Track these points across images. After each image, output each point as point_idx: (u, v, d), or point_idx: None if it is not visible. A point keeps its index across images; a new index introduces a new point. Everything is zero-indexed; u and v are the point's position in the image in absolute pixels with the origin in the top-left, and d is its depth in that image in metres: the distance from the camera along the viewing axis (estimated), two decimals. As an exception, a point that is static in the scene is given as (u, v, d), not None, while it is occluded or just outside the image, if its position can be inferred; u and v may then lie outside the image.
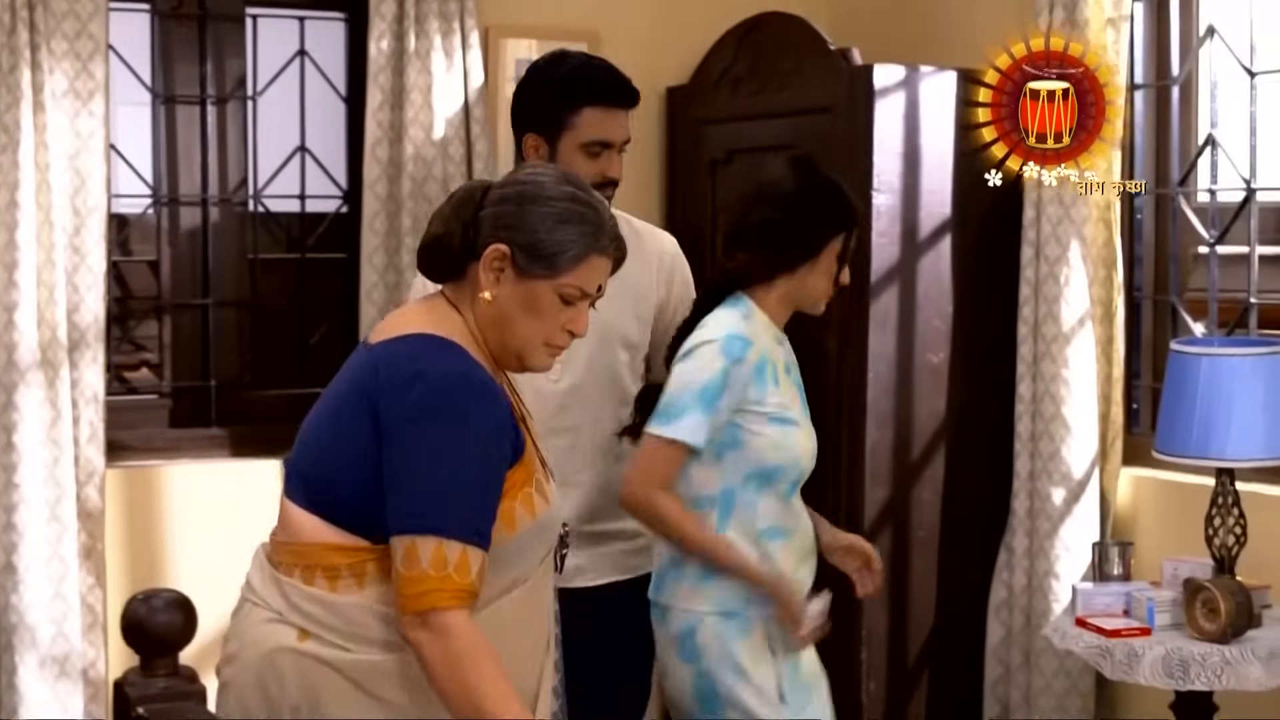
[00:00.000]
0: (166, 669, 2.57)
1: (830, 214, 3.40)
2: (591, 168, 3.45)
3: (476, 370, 2.55)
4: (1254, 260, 4.48)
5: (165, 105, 5.02)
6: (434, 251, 2.65)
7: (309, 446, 2.62)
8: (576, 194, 2.63)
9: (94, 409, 4.61)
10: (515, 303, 2.60)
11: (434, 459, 2.45)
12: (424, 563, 2.41)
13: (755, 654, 3.29)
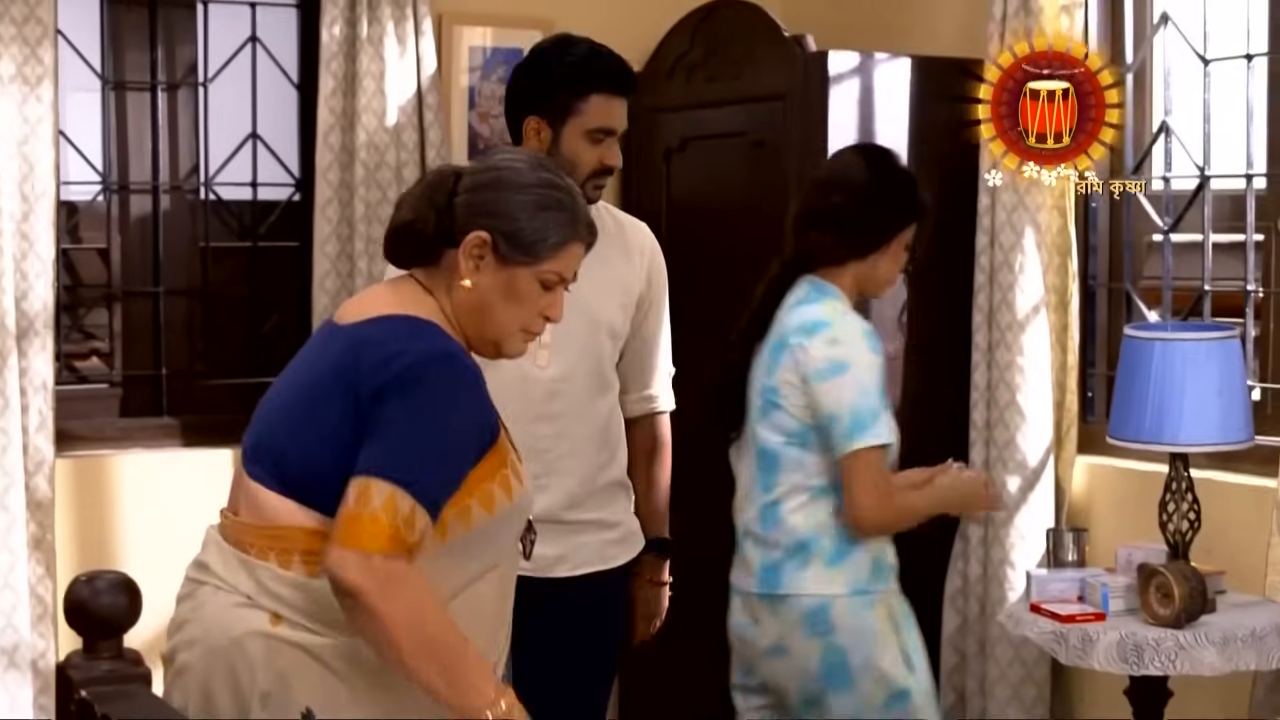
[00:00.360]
0: (110, 652, 2.51)
1: (904, 204, 3.49)
2: (593, 155, 3.48)
3: (456, 350, 2.56)
4: (1208, 248, 4.49)
5: (115, 91, 4.97)
6: (405, 237, 2.65)
7: (280, 428, 2.60)
8: (554, 180, 2.65)
9: (43, 397, 4.56)
10: (496, 290, 2.60)
11: (405, 421, 2.45)
12: (377, 504, 2.40)
13: (885, 627, 3.37)
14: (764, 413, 3.45)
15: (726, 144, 4.97)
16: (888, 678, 3.34)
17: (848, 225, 3.45)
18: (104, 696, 2.43)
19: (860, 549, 3.37)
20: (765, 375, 3.45)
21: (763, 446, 3.45)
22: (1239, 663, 3.68)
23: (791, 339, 3.41)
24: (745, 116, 4.87)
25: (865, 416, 3.31)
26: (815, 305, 3.44)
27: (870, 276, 3.50)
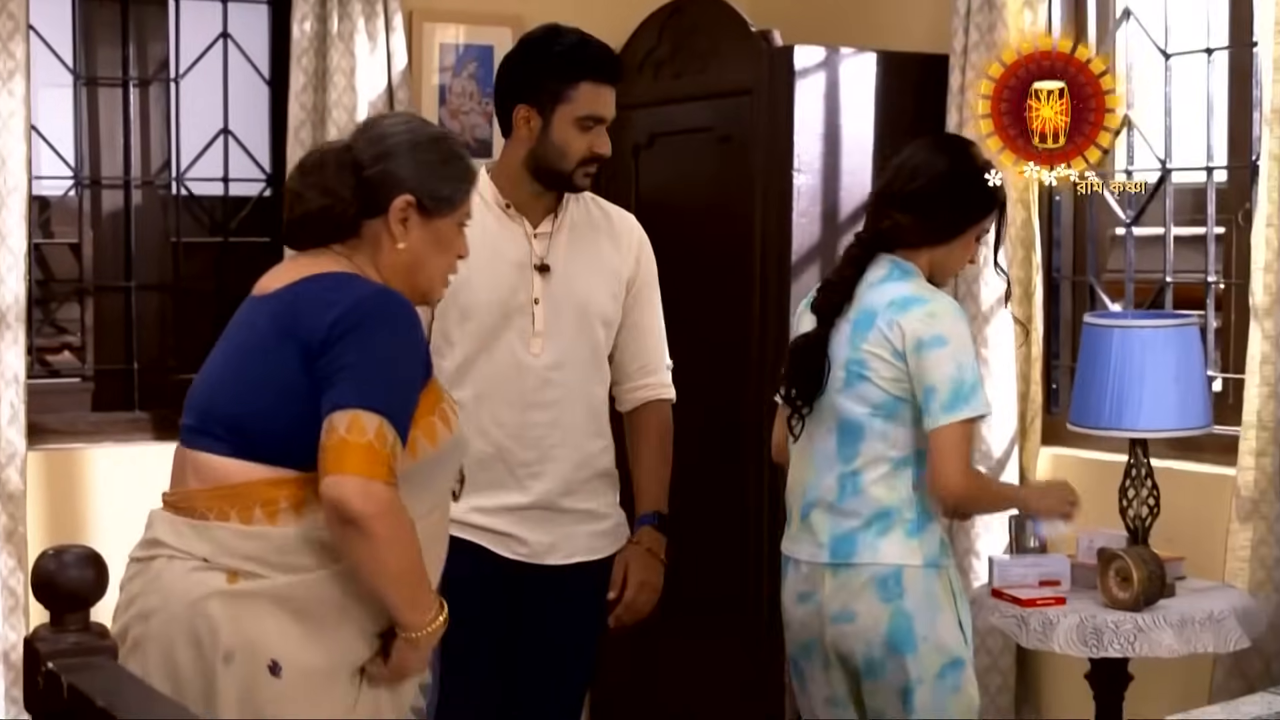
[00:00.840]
0: (77, 624, 2.53)
1: (984, 196, 3.59)
2: (582, 142, 3.50)
3: (391, 290, 2.75)
4: (1169, 241, 4.54)
5: (87, 87, 5.01)
6: (321, 221, 2.79)
7: (224, 397, 2.73)
8: (443, 132, 2.93)
9: (15, 390, 4.58)
10: (426, 244, 2.82)
11: (369, 356, 2.62)
12: (371, 434, 2.55)
13: (947, 599, 3.45)
14: (848, 384, 3.48)
15: (694, 139, 5.02)
16: (946, 647, 3.42)
17: (930, 210, 3.53)
18: (70, 668, 2.45)
19: (934, 524, 3.47)
20: (849, 349, 3.49)
21: (846, 418, 3.48)
22: (1196, 645, 3.72)
23: (882, 314, 3.46)
24: (712, 112, 4.92)
25: (965, 390, 3.37)
26: (903, 283, 3.50)
27: (943, 262, 3.59)
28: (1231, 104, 4.41)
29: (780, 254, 4.63)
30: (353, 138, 2.87)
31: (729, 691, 4.90)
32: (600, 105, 3.52)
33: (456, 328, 3.51)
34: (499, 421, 3.49)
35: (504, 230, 3.52)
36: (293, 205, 2.82)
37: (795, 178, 4.62)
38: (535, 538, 3.53)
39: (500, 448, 3.49)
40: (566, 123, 3.49)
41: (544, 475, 3.51)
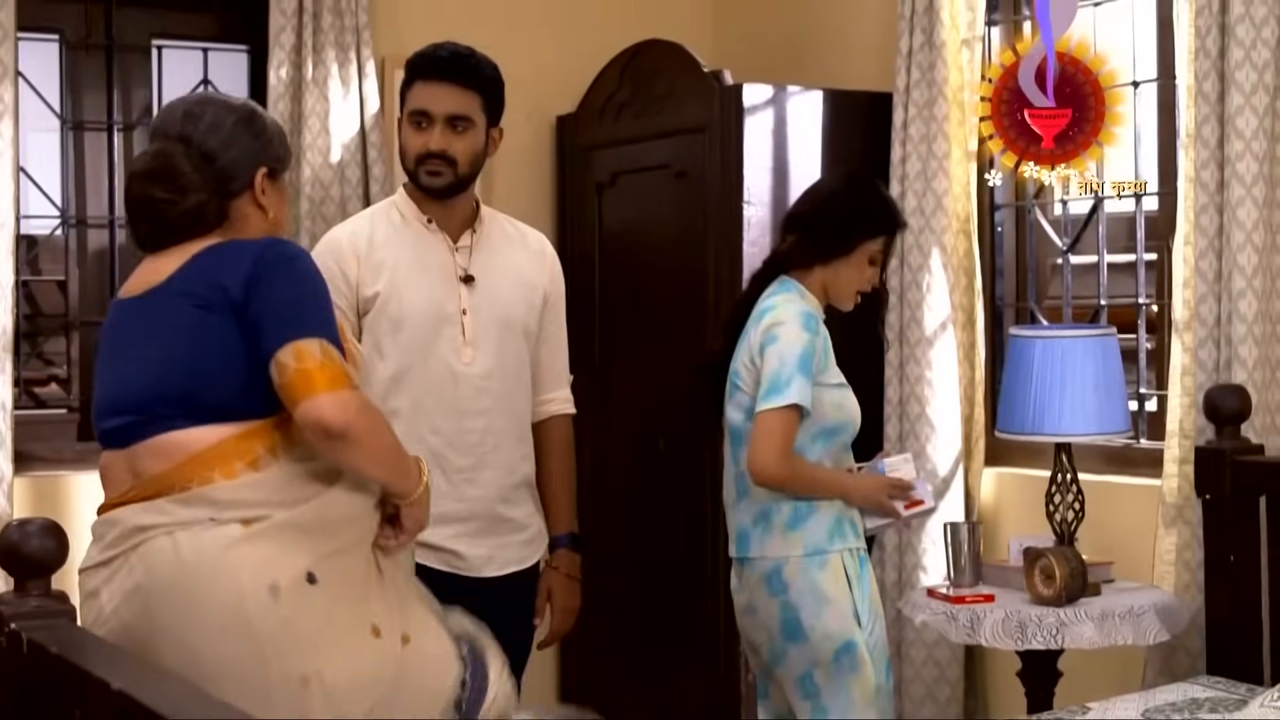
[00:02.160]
0: (39, 590, 2.74)
1: (868, 217, 3.78)
2: (416, 140, 3.65)
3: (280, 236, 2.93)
4: (1103, 266, 4.75)
5: (74, 131, 5.25)
6: (196, 219, 2.85)
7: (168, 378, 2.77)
8: (249, 103, 2.98)
9: (2, 418, 4.78)
10: (280, 204, 2.99)
11: (292, 293, 2.76)
12: (318, 355, 2.70)
13: (835, 583, 3.62)
14: (730, 395, 3.75)
15: (653, 176, 5.24)
16: (834, 633, 3.60)
17: (814, 229, 3.77)
18: (31, 628, 2.66)
19: (818, 513, 3.66)
20: (733, 361, 3.75)
21: (731, 425, 3.75)
22: (1116, 637, 3.90)
23: (749, 327, 3.72)
24: (669, 149, 5.14)
25: (778, 382, 3.58)
26: (774, 297, 3.74)
27: (834, 282, 3.78)
28: (1160, 134, 4.63)
29: (732, 282, 4.83)
30: (183, 132, 2.87)
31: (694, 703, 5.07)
32: (424, 100, 3.65)
33: (388, 338, 3.62)
34: (435, 429, 3.60)
35: (428, 244, 3.66)
36: (164, 212, 2.84)
37: (745, 209, 4.84)
38: (472, 551, 3.64)
39: (437, 454, 3.57)
40: (405, 123, 3.68)
41: (478, 482, 3.63)
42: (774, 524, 3.67)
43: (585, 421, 5.50)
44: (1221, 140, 4.11)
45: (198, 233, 2.86)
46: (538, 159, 5.66)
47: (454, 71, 3.68)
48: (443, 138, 3.64)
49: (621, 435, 5.43)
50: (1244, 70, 4.05)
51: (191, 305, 2.76)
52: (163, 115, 2.95)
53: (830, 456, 3.73)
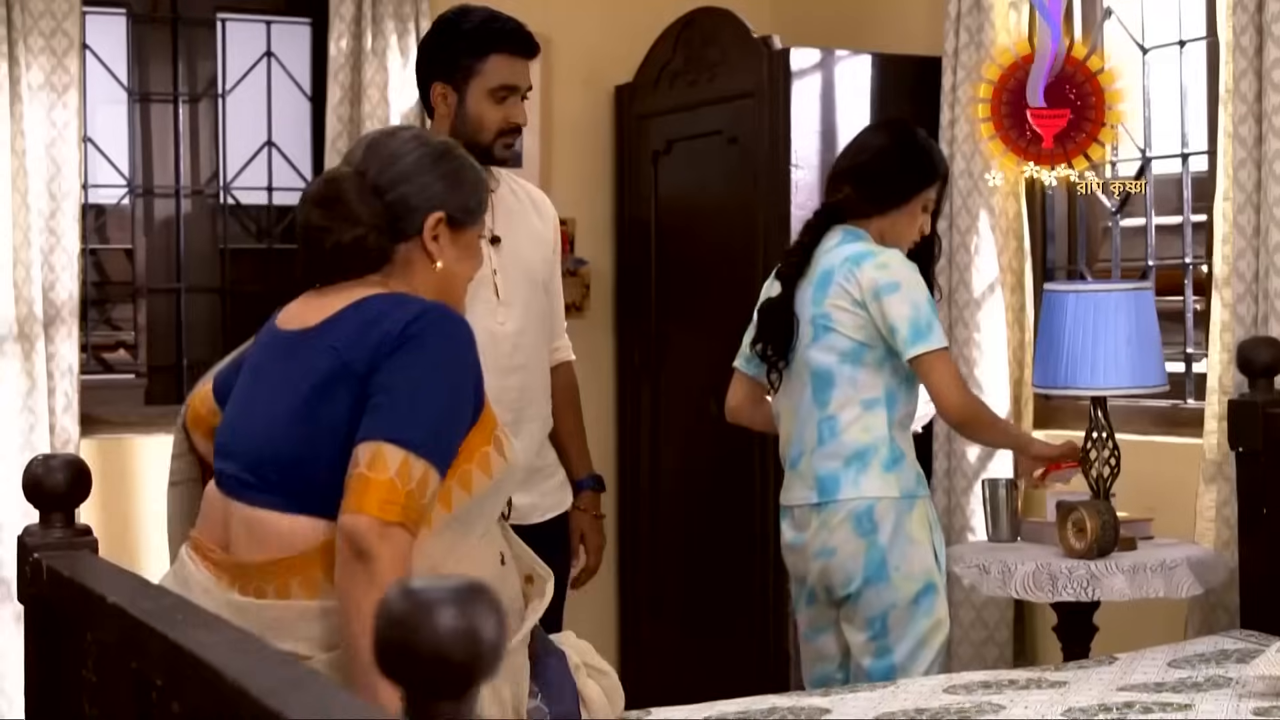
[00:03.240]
0: (61, 522, 2.84)
1: (921, 168, 3.87)
2: (498, 113, 3.66)
3: (449, 308, 2.60)
4: (1151, 227, 4.75)
5: (141, 103, 5.38)
6: (354, 254, 2.60)
7: (285, 444, 2.54)
8: (446, 143, 2.72)
9: (69, 381, 4.93)
10: (458, 257, 2.68)
11: (411, 380, 2.46)
12: (392, 470, 2.39)
13: (920, 527, 3.73)
14: (815, 338, 3.79)
15: (706, 143, 5.29)
16: (918, 575, 3.70)
17: (870, 183, 3.84)
18: (54, 558, 2.76)
19: (907, 458, 3.76)
20: (813, 306, 3.80)
21: (816, 368, 3.79)
22: (1148, 590, 3.90)
23: (839, 270, 3.77)
24: (721, 116, 5.19)
25: (923, 327, 3.68)
26: (854, 244, 3.81)
27: (891, 231, 3.86)
28: (1209, 93, 4.60)
29: (780, 245, 4.86)
30: (362, 162, 2.64)
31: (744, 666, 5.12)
32: (511, 75, 3.68)
33: None
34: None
35: None
36: (320, 240, 2.60)
37: (793, 173, 4.88)
38: (520, 500, 3.67)
39: None
40: (480, 95, 3.65)
41: (520, 435, 3.64)
42: (871, 465, 3.71)
43: (643, 384, 5.62)
44: (1260, 94, 4.10)
45: (358, 271, 2.61)
46: (597, 129, 5.72)
47: (529, 44, 3.74)
48: (523, 111, 3.71)
49: (678, 398, 5.49)
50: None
51: (326, 366, 2.51)
52: (354, 144, 2.75)
53: (911, 402, 3.81)
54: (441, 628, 1.36)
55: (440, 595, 1.37)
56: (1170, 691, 3.28)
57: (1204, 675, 3.43)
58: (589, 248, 5.70)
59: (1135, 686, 3.34)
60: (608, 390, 5.74)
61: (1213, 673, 3.44)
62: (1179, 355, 4.63)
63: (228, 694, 1.75)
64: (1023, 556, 4.02)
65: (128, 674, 2.27)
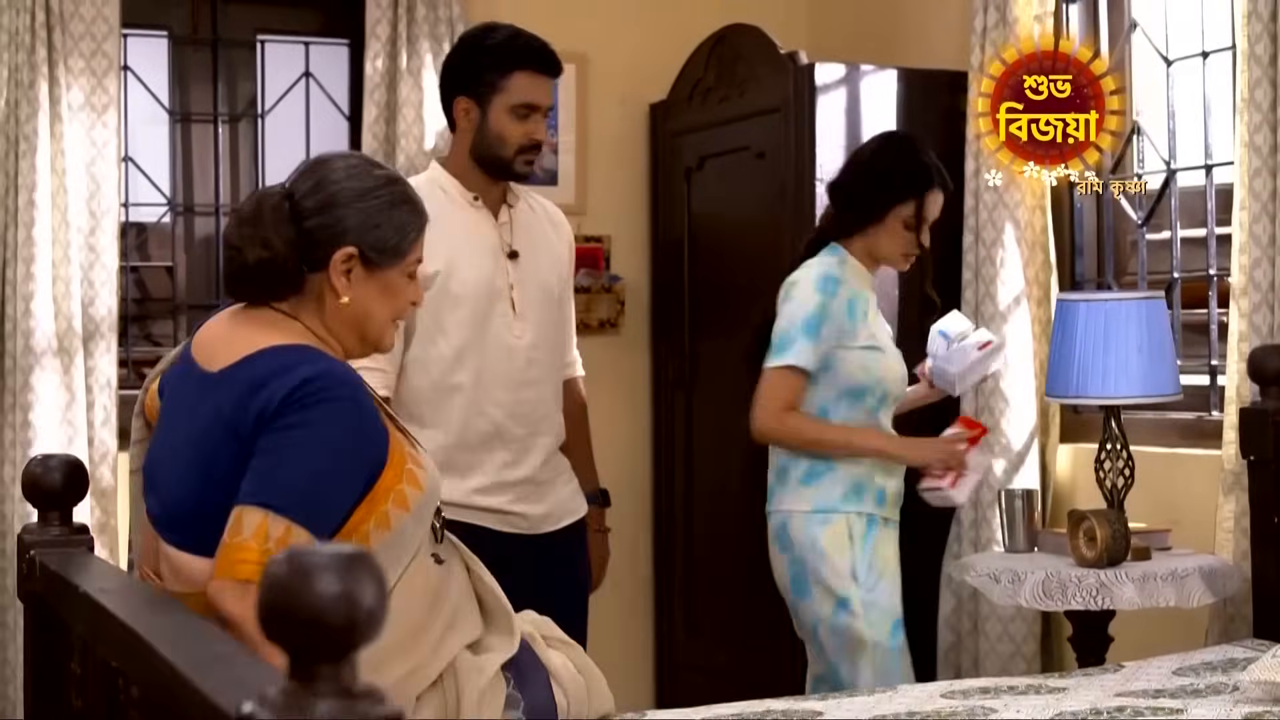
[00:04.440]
0: (58, 521, 2.91)
1: (890, 184, 3.86)
2: (519, 130, 3.72)
3: (339, 368, 2.57)
4: (1176, 239, 4.73)
5: (182, 123, 5.48)
6: (260, 275, 2.58)
7: (183, 492, 2.58)
8: (388, 175, 2.69)
9: (108, 394, 5.02)
10: (372, 295, 2.63)
11: (284, 445, 2.45)
12: (248, 532, 2.39)
13: (833, 540, 3.76)
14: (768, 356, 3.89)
15: (736, 159, 5.33)
16: (831, 589, 3.74)
17: (842, 200, 3.90)
18: (49, 555, 2.83)
19: (834, 473, 3.79)
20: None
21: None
22: (1159, 599, 3.89)
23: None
24: (750, 131, 5.23)
25: (782, 341, 3.75)
26: (814, 261, 3.88)
27: (875, 248, 3.90)
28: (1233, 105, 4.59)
29: (805, 259, 4.90)
30: (295, 183, 2.64)
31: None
32: (534, 93, 3.73)
33: (449, 315, 3.69)
34: (496, 402, 3.72)
35: (475, 221, 3.75)
36: (232, 257, 2.60)
37: (818, 187, 4.90)
38: (533, 510, 3.77)
39: (499, 426, 3.71)
40: (502, 111, 3.70)
41: (534, 449, 3.75)
42: (789, 479, 3.81)
43: (677, 400, 5.65)
44: (1275, 103, 4.09)
45: (270, 294, 2.61)
46: (632, 146, 5.77)
47: (553, 63, 3.80)
48: (544, 128, 3.78)
49: (712, 413, 5.52)
50: (1296, 32, 4.04)
51: (214, 424, 2.52)
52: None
53: (863, 416, 3.79)
54: (321, 593, 1.40)
55: (321, 561, 1.41)
56: (1168, 698, 3.28)
57: (1206, 682, 3.42)
58: (624, 264, 5.75)
59: (1134, 693, 3.34)
60: (643, 406, 5.78)
61: (1216, 680, 3.44)
62: (1204, 368, 4.61)
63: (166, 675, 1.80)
64: (1034, 565, 4.02)
65: (97, 662, 2.33)
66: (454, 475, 3.64)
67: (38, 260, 4.90)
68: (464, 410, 3.70)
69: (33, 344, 4.91)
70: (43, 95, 4.93)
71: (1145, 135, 4.83)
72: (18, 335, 4.91)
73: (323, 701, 1.40)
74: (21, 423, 4.91)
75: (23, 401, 4.91)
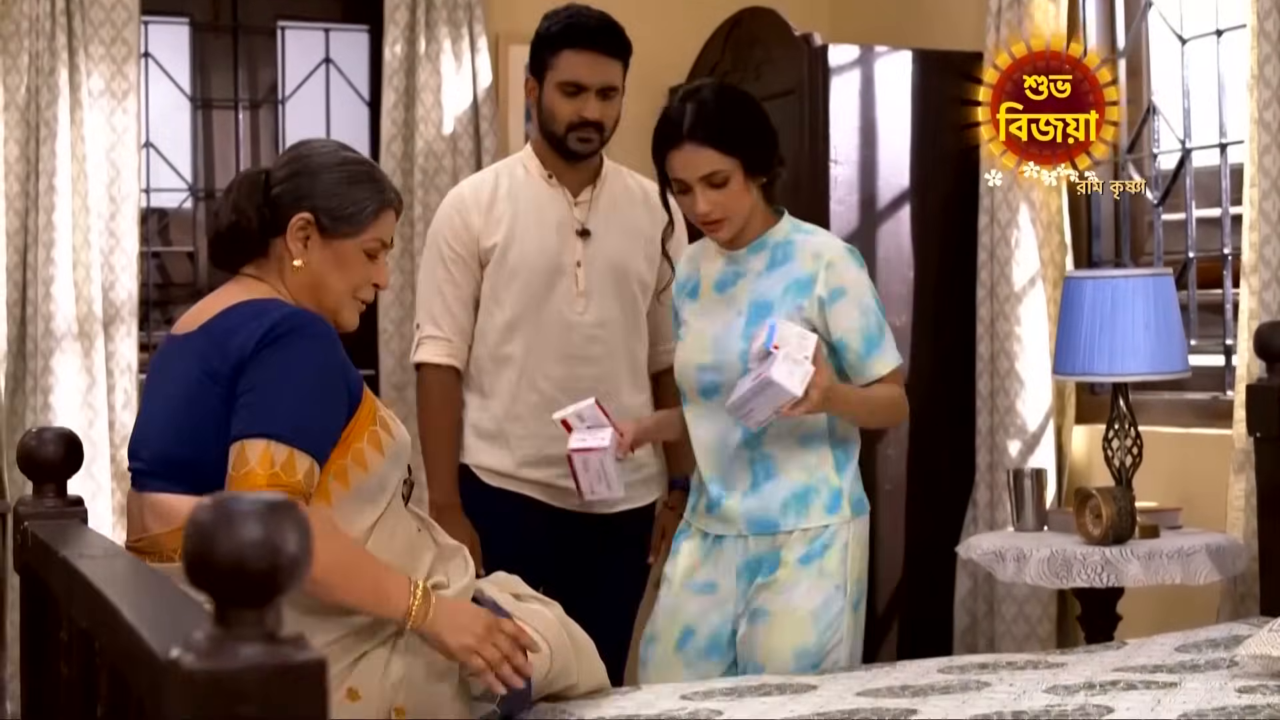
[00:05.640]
0: (53, 493, 2.94)
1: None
2: (568, 107, 3.80)
3: (310, 313, 2.72)
4: (1191, 219, 4.71)
5: (203, 109, 5.53)
6: (230, 239, 2.80)
7: (170, 443, 2.71)
8: (355, 156, 2.87)
9: (128, 378, 5.07)
10: (326, 264, 2.78)
11: (267, 378, 2.60)
12: (251, 461, 2.54)
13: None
14: None
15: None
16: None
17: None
18: (42, 527, 2.86)
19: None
20: None
21: None
22: (1164, 576, 3.87)
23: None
24: (766, 114, 5.21)
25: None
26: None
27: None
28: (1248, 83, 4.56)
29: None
30: (277, 158, 2.89)
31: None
32: (579, 71, 3.79)
33: (505, 287, 3.80)
34: (548, 375, 3.79)
35: (548, 198, 3.82)
36: (209, 224, 2.82)
37: (832, 169, 4.90)
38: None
39: (549, 399, 3.75)
40: (551, 89, 3.80)
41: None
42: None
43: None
44: (1284, 80, 4.07)
45: (239, 257, 2.81)
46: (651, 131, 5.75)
47: (605, 42, 3.85)
48: (596, 107, 3.82)
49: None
50: (1305, 8, 4.01)
51: (198, 370, 2.67)
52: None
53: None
54: (243, 538, 1.42)
55: (245, 507, 1.43)
56: (1165, 673, 3.26)
57: (1206, 658, 3.40)
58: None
59: (1132, 668, 3.33)
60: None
61: (1216, 656, 3.42)
62: (1219, 348, 4.59)
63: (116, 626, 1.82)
64: (1040, 543, 4.01)
65: (72, 625, 2.36)
66: (505, 446, 3.74)
67: (58, 245, 4.95)
68: (514, 382, 3.78)
69: (53, 327, 4.96)
70: (63, 81, 4.98)
71: (1160, 115, 4.80)
72: (38, 319, 4.95)
73: (246, 646, 1.41)
74: (42, 405, 4.95)
75: (43, 384, 4.96)
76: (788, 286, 3.40)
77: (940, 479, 5.04)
